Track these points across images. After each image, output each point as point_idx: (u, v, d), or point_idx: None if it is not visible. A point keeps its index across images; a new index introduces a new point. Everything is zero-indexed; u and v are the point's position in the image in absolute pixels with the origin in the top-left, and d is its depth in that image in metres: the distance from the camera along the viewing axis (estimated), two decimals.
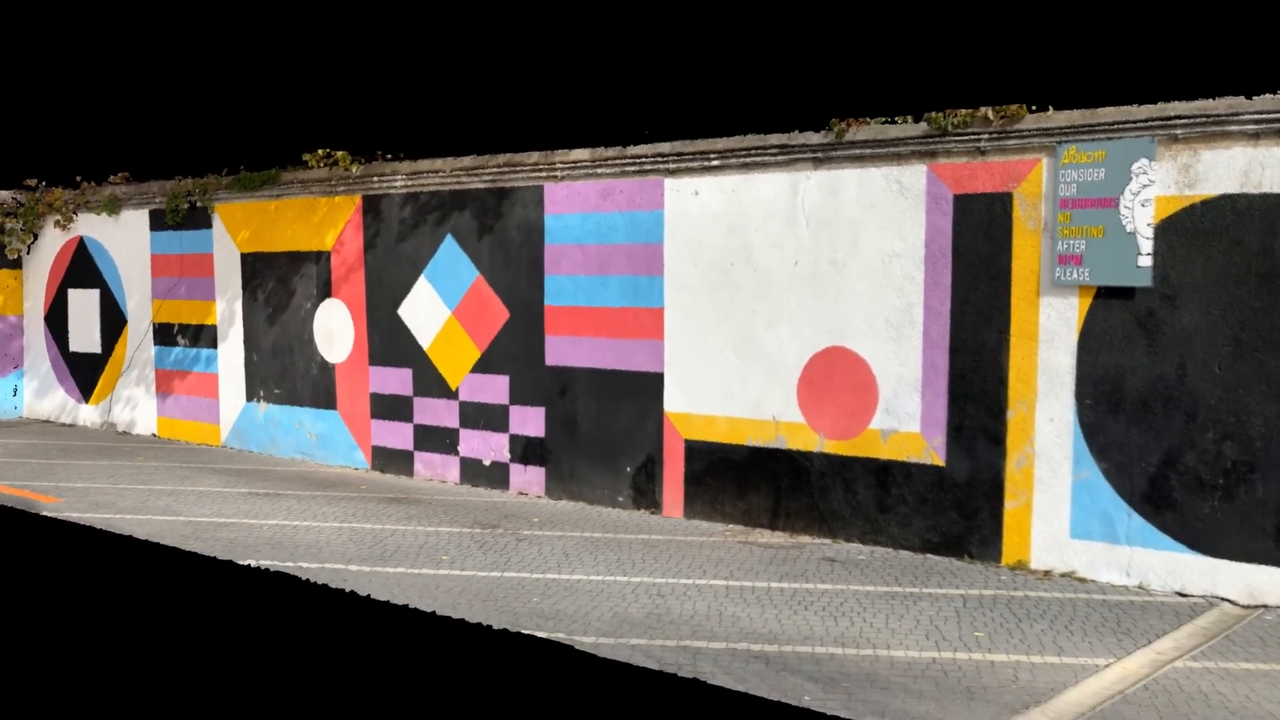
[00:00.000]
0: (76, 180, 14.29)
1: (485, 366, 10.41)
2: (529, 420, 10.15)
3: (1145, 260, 7.12)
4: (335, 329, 11.58)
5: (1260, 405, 6.81)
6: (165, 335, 13.40)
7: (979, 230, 7.78)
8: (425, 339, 10.82)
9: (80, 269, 14.46)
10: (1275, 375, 6.77)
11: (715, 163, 8.94)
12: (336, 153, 11.09)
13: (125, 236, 13.80)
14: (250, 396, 12.47)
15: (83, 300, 14.44)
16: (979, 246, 7.78)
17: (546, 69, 10.23)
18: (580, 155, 9.67)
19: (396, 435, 11.14)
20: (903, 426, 8.14)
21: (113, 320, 14.06)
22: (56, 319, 14.84)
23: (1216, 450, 6.96)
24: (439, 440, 10.81)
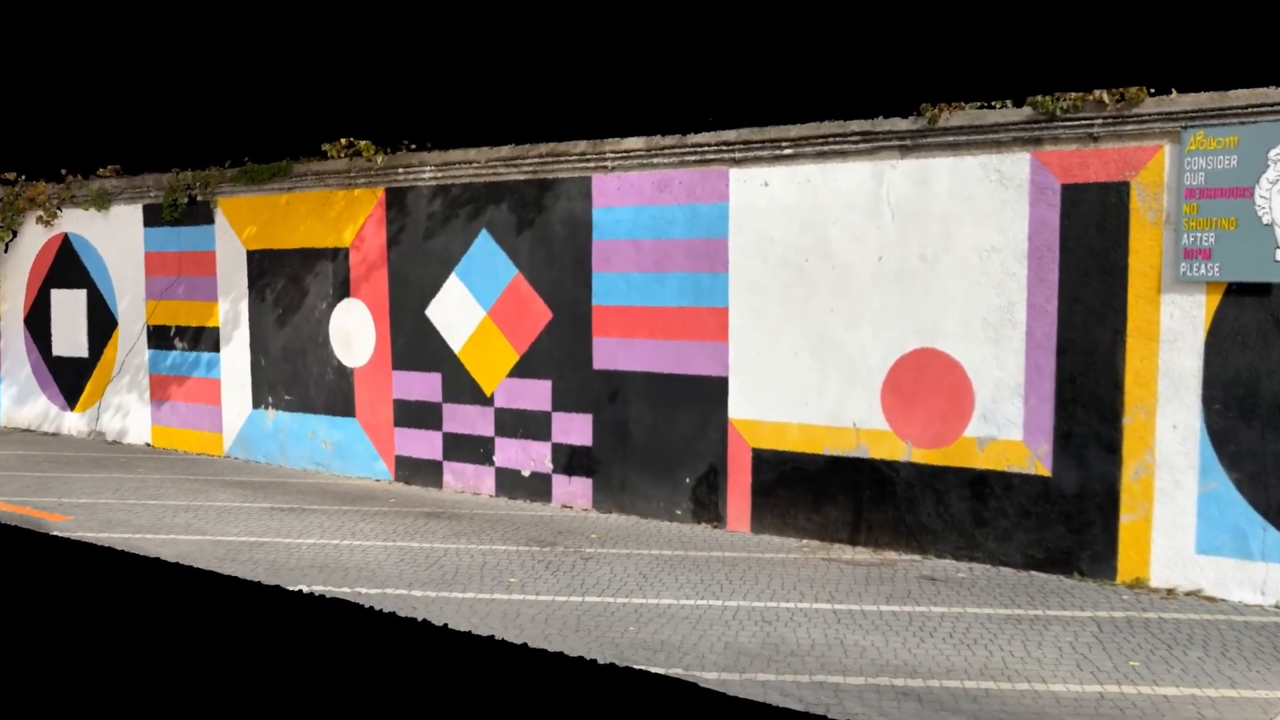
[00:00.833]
0: (61, 173, 13.39)
1: (524, 370, 9.72)
2: (574, 428, 9.48)
3: None
4: (354, 331, 10.83)
5: None
6: (161, 338, 12.56)
7: (1090, 223, 7.23)
8: (456, 341, 10.11)
9: (65, 268, 13.57)
10: None
11: (788, 151, 8.33)
12: (360, 142, 10.35)
13: (116, 233, 12.94)
14: (257, 403, 11.68)
15: (67, 301, 13.55)
16: (1090, 240, 7.23)
17: (590, 50, 9.55)
18: (634, 144, 9.02)
19: (423, 444, 10.42)
20: (1002, 434, 7.57)
21: (101, 322, 13.19)
22: (38, 321, 13.93)
23: None
24: (471, 450, 10.10)
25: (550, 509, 9.49)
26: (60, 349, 13.69)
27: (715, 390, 8.74)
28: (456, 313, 10.11)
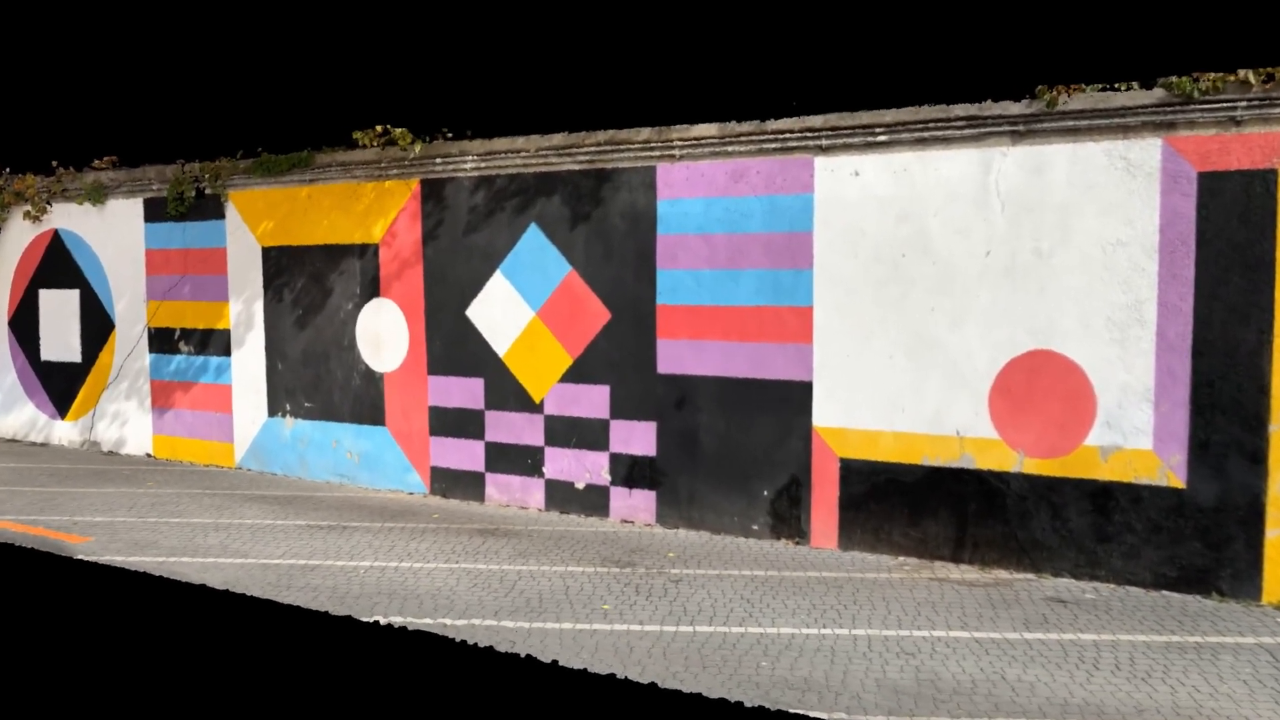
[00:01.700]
0: (52, 166, 12.50)
1: (579, 375, 9.03)
2: (635, 437, 8.80)
3: None
4: (384, 333, 10.08)
5: None
6: (164, 341, 11.72)
7: (1232, 214, 6.67)
8: (501, 344, 9.40)
9: (55, 267, 12.68)
10: None
11: (882, 138, 7.71)
12: (395, 130, 9.59)
13: (113, 229, 12.07)
14: (274, 411, 10.88)
15: (58, 302, 12.66)
16: (1232, 233, 6.67)
17: (649, 30, 8.88)
18: (705, 131, 8.36)
19: (463, 455, 9.69)
20: (1129, 443, 7.00)
21: (97, 325, 12.32)
22: (24, 324, 13.02)
23: None
24: (518, 460, 9.39)
25: (609, 524, 8.80)
26: (50, 353, 12.79)
27: (797, 396, 8.10)
28: (501, 313, 9.39)
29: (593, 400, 8.97)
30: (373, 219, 10.08)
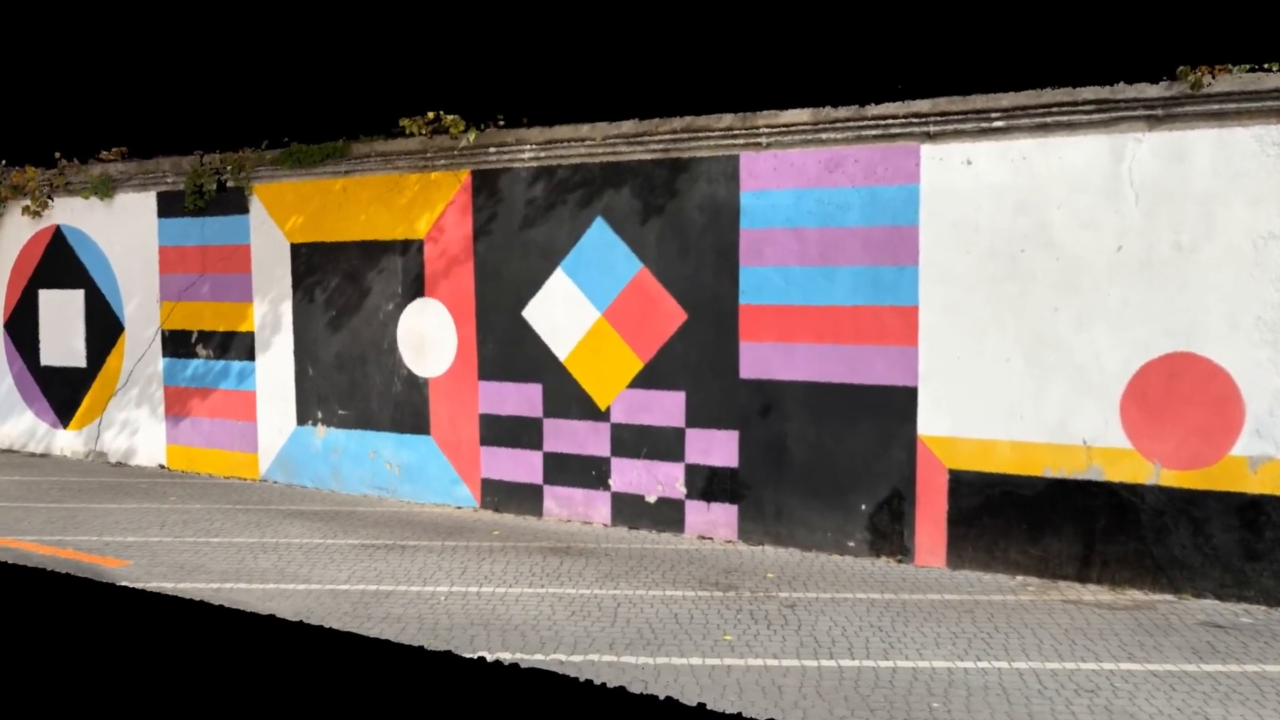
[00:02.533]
0: (55, 158, 11.69)
1: (650, 380, 8.39)
2: (715, 446, 8.17)
3: None
4: (429, 335, 9.39)
5: None
6: (180, 345, 10.96)
7: None
8: (562, 347, 8.74)
9: (56, 265, 11.87)
10: None
11: (998, 124, 7.13)
12: (447, 117, 8.90)
13: (122, 225, 11.29)
14: (303, 419, 10.15)
15: (60, 303, 11.85)
16: None
17: (731, 7, 8.24)
18: (797, 117, 7.75)
19: (519, 466, 9.02)
20: None
21: (103, 327, 11.53)
22: (22, 326, 12.19)
23: None
24: (580, 472, 8.73)
25: (686, 540, 8.17)
26: (51, 358, 11.98)
27: (900, 402, 7.50)
28: (563, 314, 8.73)
29: (666, 407, 8.33)
30: (417, 213, 9.39)
